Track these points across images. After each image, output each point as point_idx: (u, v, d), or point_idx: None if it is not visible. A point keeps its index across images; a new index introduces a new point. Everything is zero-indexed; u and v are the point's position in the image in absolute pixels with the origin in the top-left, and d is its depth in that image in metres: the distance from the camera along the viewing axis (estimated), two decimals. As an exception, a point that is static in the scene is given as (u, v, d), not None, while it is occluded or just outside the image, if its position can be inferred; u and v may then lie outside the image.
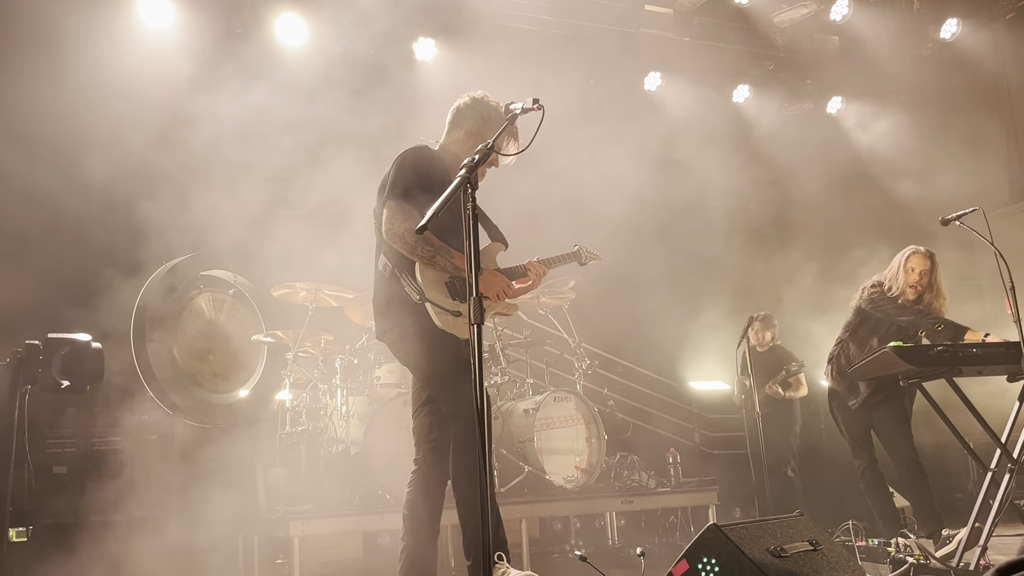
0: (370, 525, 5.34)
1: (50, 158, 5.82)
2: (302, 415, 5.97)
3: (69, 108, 6.10)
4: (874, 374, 4.88)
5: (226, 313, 6.70)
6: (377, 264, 3.69)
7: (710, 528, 2.83)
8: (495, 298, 3.69)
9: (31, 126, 5.94)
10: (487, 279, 3.65)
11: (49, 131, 5.98)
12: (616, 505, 6.15)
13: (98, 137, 6.04)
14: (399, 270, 3.55)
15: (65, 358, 5.00)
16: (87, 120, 6.10)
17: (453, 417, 3.49)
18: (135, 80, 6.43)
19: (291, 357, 6.07)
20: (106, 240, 5.85)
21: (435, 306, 3.49)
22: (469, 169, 2.94)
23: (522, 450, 6.02)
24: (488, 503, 2.64)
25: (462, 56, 8.06)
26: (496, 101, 3.89)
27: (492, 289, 3.66)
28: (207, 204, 6.30)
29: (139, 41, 6.83)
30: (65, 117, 6.09)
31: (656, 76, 9.00)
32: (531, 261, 3.91)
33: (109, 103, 6.16)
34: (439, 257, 3.51)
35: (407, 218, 3.46)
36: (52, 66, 6.11)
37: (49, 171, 5.87)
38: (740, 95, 9.41)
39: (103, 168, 5.88)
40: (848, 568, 3.04)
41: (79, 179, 5.88)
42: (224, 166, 6.33)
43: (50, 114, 6.01)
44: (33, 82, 6.02)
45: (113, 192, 5.97)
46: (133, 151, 6.10)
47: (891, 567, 4.41)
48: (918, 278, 5.26)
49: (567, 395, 6.29)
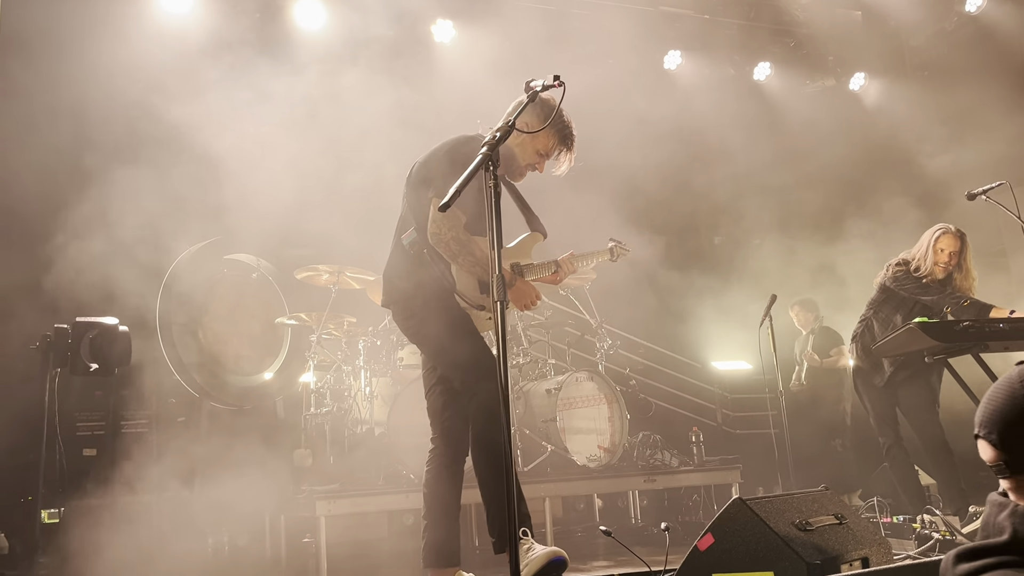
0: (395, 504, 5.39)
1: (70, 141, 5.87)
2: (326, 396, 6.02)
3: (87, 92, 6.15)
4: (899, 350, 4.85)
5: (250, 296, 6.77)
6: (401, 237, 3.66)
7: (735, 502, 2.83)
8: (522, 308, 3.67)
9: (48, 110, 6.00)
10: (520, 289, 3.61)
11: (68, 114, 6.03)
12: (639, 484, 6.17)
13: (119, 121, 6.09)
14: (432, 254, 3.52)
15: (93, 341, 5.08)
16: (105, 104, 6.15)
17: (469, 395, 3.49)
18: (154, 64, 6.46)
19: (315, 339, 6.12)
20: (131, 224, 5.90)
21: (462, 298, 3.49)
22: (490, 147, 2.94)
23: (544, 430, 6.04)
24: (512, 478, 2.66)
25: (480, 37, 8.04)
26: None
27: (522, 300, 3.62)
28: (229, 188, 6.35)
29: (158, 25, 6.87)
30: (83, 101, 6.14)
31: (676, 55, 8.94)
32: (564, 257, 3.89)
33: (127, 87, 6.20)
34: (478, 268, 3.49)
35: (455, 226, 3.43)
36: (73, 49, 6.15)
37: (70, 155, 5.92)
38: (761, 73, 9.32)
39: (125, 151, 5.94)
40: (874, 542, 3.04)
41: (101, 163, 5.93)
42: (245, 149, 6.36)
43: (68, 98, 6.06)
44: (56, 64, 6.06)
45: (135, 176, 6.02)
46: (155, 134, 6.14)
47: (916, 543, 4.40)
48: (947, 259, 5.16)
49: (589, 375, 6.30)
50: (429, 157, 3.63)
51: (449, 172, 3.41)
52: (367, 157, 6.50)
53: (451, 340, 3.52)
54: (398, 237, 3.70)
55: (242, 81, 6.56)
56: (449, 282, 3.50)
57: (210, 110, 6.43)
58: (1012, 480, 1.33)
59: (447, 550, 3.58)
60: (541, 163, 3.77)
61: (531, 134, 3.61)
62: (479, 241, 3.52)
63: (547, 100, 3.62)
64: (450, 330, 3.52)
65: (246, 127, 6.42)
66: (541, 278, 3.85)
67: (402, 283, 3.64)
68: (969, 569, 1.28)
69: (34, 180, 5.51)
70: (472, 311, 3.53)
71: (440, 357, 3.64)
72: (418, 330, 3.64)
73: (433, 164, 3.57)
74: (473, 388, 3.45)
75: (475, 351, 3.49)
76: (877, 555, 2.97)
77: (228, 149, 6.33)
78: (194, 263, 6.43)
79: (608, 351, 6.82)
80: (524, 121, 3.49)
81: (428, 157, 3.63)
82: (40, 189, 5.50)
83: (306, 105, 6.82)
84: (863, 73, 9.60)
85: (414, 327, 3.65)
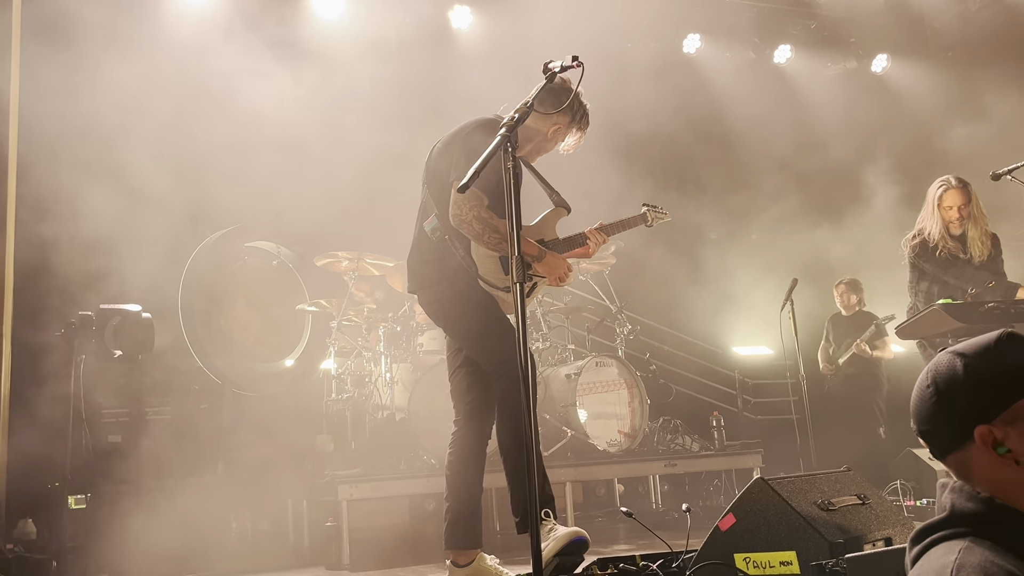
0: (416, 489, 5.42)
1: (95, 133, 5.92)
2: (347, 383, 6.05)
3: (111, 85, 6.19)
4: (923, 333, 4.79)
5: (271, 283, 6.81)
6: (423, 224, 3.67)
7: (757, 482, 2.82)
8: (555, 282, 3.64)
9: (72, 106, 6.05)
10: (550, 263, 3.57)
11: (89, 109, 6.08)
12: (660, 468, 6.17)
13: (138, 113, 6.14)
14: (453, 240, 3.52)
15: (117, 328, 5.14)
16: (127, 97, 6.19)
17: (496, 377, 3.50)
18: (174, 55, 6.50)
19: (335, 326, 6.15)
20: (152, 213, 5.95)
21: (486, 283, 3.50)
22: (509, 128, 2.94)
23: (565, 415, 6.05)
24: (535, 458, 2.66)
25: (497, 23, 8.02)
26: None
27: (554, 273, 3.59)
28: (249, 176, 6.38)
29: (177, 16, 6.90)
30: (106, 95, 6.19)
31: (695, 38, 8.87)
32: (592, 229, 3.83)
33: (148, 81, 6.24)
34: (505, 244, 3.45)
35: (476, 205, 3.41)
36: (96, 43, 6.19)
37: (94, 147, 5.97)
38: (782, 55, 9.23)
39: (147, 142, 5.98)
40: (897, 522, 3.02)
41: (122, 154, 5.98)
42: (266, 139, 6.39)
43: (92, 92, 6.11)
44: (78, 59, 6.10)
45: (155, 165, 6.06)
46: (174, 125, 6.18)
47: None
48: (957, 214, 4.89)
49: (609, 360, 6.29)
50: (448, 141, 3.62)
51: (468, 156, 3.39)
52: (384, 144, 6.52)
53: (476, 324, 3.54)
54: (420, 224, 3.70)
55: (260, 68, 6.58)
56: (471, 267, 3.50)
57: (228, 99, 6.47)
58: (944, 463, 1.44)
59: (470, 532, 3.60)
60: (555, 143, 3.76)
61: (548, 115, 3.60)
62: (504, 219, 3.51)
63: (564, 82, 3.60)
64: (475, 313, 3.53)
65: (267, 115, 6.45)
66: (570, 253, 3.80)
67: (426, 269, 3.64)
68: (919, 550, 1.37)
69: (59, 168, 5.56)
70: (497, 293, 3.53)
71: (466, 340, 3.65)
72: (444, 314, 3.65)
73: (453, 148, 3.56)
74: (499, 369, 3.46)
75: (501, 334, 3.50)
76: (901, 535, 2.95)
77: (249, 137, 6.36)
78: (215, 251, 6.48)
79: (628, 336, 6.81)
80: (542, 102, 3.48)
81: (447, 141, 3.63)
82: (65, 177, 5.55)
83: (322, 93, 6.84)
84: (886, 55, 9.48)
85: (440, 311, 3.66)
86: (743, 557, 2.77)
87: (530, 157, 3.79)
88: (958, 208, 4.90)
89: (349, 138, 6.76)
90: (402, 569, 4.77)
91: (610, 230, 3.90)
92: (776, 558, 2.70)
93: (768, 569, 2.71)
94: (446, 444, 3.80)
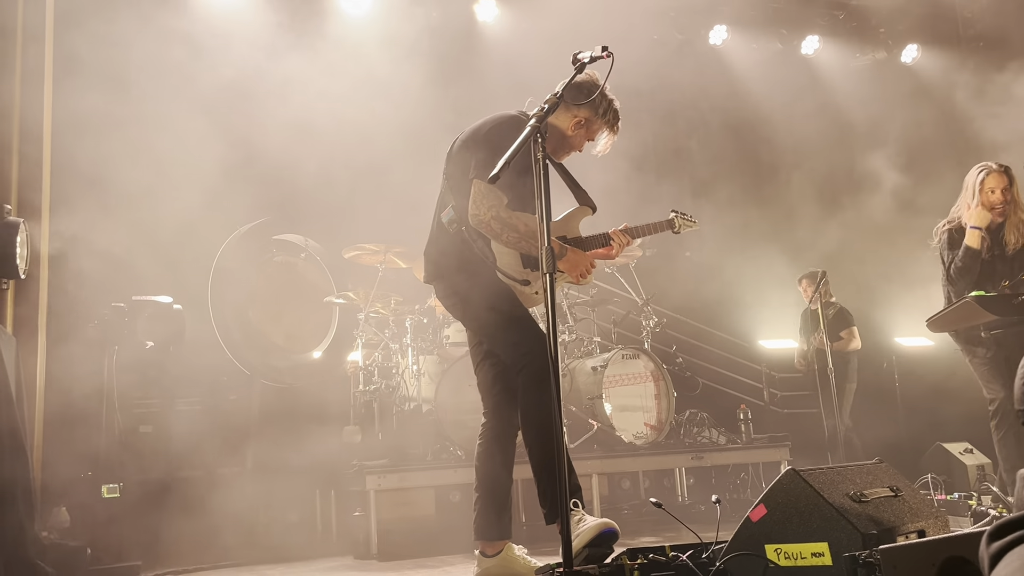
0: (443, 480, 5.45)
1: (127, 125, 5.98)
2: (374, 374, 6.09)
3: (137, 77, 6.26)
4: (954, 325, 4.73)
5: (299, 276, 6.86)
6: (441, 216, 3.64)
7: (788, 473, 2.81)
8: (577, 279, 3.62)
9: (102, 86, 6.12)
10: (572, 259, 3.56)
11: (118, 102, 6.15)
12: (687, 461, 6.15)
13: (170, 104, 6.20)
14: (471, 231, 3.50)
15: (149, 320, 5.21)
16: (153, 89, 6.25)
17: (517, 370, 3.50)
18: (204, 51, 6.55)
19: (362, 318, 6.18)
20: (182, 206, 6.01)
21: (504, 275, 3.49)
22: (539, 119, 2.94)
23: (591, 407, 6.05)
24: (562, 449, 2.67)
25: (523, 16, 8.01)
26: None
27: (576, 269, 3.57)
28: (277, 169, 6.43)
29: (205, 11, 6.96)
30: (132, 88, 6.25)
31: (722, 29, 8.81)
32: (616, 230, 3.77)
33: (182, 75, 6.30)
34: (524, 243, 3.45)
35: (495, 204, 3.40)
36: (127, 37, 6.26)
37: (126, 140, 6.04)
38: (809, 47, 9.14)
39: (177, 135, 6.04)
40: (931, 515, 3.00)
41: (154, 147, 6.04)
42: (293, 131, 6.43)
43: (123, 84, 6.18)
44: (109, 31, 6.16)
45: (185, 159, 6.12)
46: (204, 119, 6.23)
47: (972, 520, 4.32)
48: (1001, 197, 4.71)
49: (635, 352, 6.28)
50: (471, 135, 3.60)
51: (489, 152, 3.36)
52: (410, 135, 6.54)
53: (495, 315, 3.52)
54: (437, 215, 3.69)
55: (287, 61, 6.62)
56: (490, 259, 3.50)
57: (259, 93, 6.52)
58: None
59: (498, 523, 3.61)
60: (582, 140, 3.73)
61: (569, 108, 3.59)
62: (522, 216, 3.50)
63: (590, 77, 3.58)
64: (493, 306, 3.51)
65: (295, 109, 6.49)
66: (593, 253, 3.77)
67: (443, 260, 3.63)
68: (1000, 546, 1.25)
69: (92, 159, 5.63)
70: (516, 286, 3.52)
71: (485, 332, 3.63)
72: (462, 307, 3.63)
73: (473, 143, 3.54)
74: (520, 362, 3.45)
75: (520, 326, 3.49)
76: (934, 528, 2.93)
77: (277, 130, 6.41)
78: (244, 243, 6.53)
79: (654, 329, 6.79)
80: (570, 95, 3.46)
81: (470, 135, 3.60)
82: (97, 168, 5.62)
83: (352, 86, 6.86)
84: (916, 44, 9.36)
85: (458, 304, 3.64)
86: (774, 548, 2.75)
87: (555, 154, 3.76)
88: (1001, 191, 4.73)
89: (375, 131, 6.79)
90: (430, 559, 4.80)
91: (635, 232, 3.83)
92: (808, 549, 2.68)
93: (799, 560, 2.70)
94: (473, 435, 3.82)
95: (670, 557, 3.10)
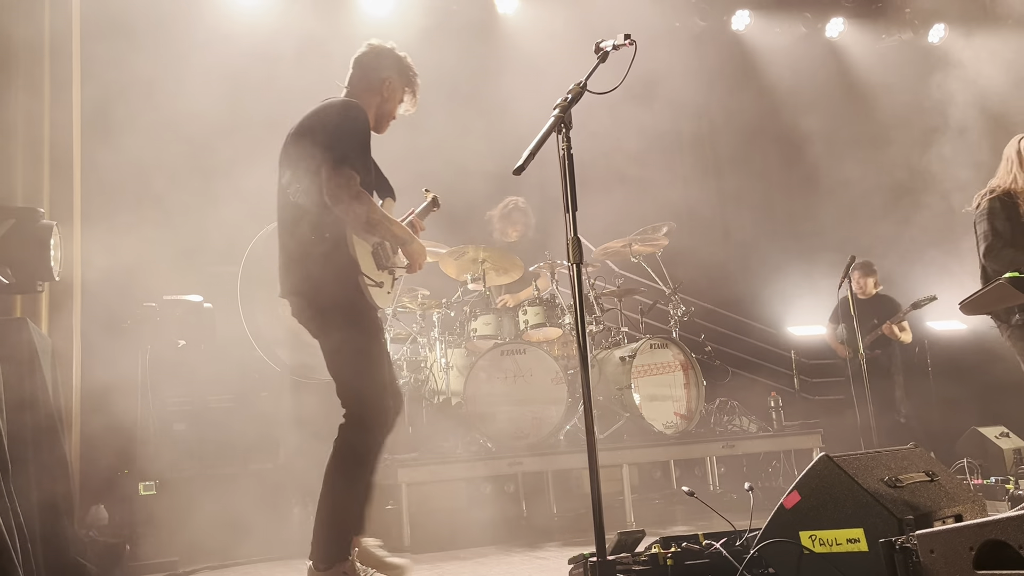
0: (473, 472, 5.47)
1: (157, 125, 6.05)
2: (403, 368, 6.12)
3: (163, 78, 6.32)
4: (988, 308, 4.62)
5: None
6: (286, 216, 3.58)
7: (822, 459, 2.79)
8: (413, 268, 3.61)
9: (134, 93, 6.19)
10: (418, 249, 3.57)
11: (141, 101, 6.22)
12: (717, 450, 6.12)
13: (193, 107, 6.25)
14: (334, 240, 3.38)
15: (180, 319, 5.27)
16: (177, 90, 6.31)
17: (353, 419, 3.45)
18: (228, 53, 6.60)
19: (390, 312, 6.21)
20: (211, 203, 6.07)
21: (366, 278, 3.39)
22: (563, 109, 2.93)
23: (620, 397, 6.04)
24: (595, 457, 2.64)
25: (544, 6, 7.98)
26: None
27: (418, 260, 3.59)
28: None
29: (229, 11, 7.01)
30: (157, 88, 6.31)
31: (744, 14, 8.72)
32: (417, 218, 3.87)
33: (201, 75, 6.35)
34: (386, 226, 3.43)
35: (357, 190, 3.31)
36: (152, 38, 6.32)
37: (154, 140, 6.11)
38: (834, 29, 9.03)
39: (202, 132, 6.09)
40: (968, 499, 2.96)
41: (177, 145, 6.10)
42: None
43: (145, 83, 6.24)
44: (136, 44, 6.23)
45: (212, 157, 6.18)
46: (228, 116, 6.28)
47: (1010, 504, 4.27)
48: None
49: (664, 342, 6.26)
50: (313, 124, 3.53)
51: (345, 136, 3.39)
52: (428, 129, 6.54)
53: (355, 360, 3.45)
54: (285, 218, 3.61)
55: (311, 58, 6.65)
56: (352, 266, 3.37)
57: (280, 91, 6.56)
58: None
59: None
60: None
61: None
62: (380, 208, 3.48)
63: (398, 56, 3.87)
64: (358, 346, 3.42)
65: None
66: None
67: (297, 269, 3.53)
68: None
69: (122, 160, 5.70)
70: (372, 289, 3.41)
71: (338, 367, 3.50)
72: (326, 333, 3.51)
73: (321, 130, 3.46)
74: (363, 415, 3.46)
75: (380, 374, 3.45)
76: (971, 513, 2.90)
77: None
78: (272, 241, 6.56)
79: (682, 318, 6.75)
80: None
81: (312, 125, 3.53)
82: (128, 169, 5.70)
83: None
84: (943, 24, 9.21)
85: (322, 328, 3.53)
86: (809, 535, 2.74)
87: None
88: None
89: (395, 124, 6.79)
90: (463, 550, 4.83)
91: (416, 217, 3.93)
92: (843, 535, 2.66)
93: (835, 546, 2.68)
94: (502, 427, 3.82)
95: (704, 545, 3.09)
